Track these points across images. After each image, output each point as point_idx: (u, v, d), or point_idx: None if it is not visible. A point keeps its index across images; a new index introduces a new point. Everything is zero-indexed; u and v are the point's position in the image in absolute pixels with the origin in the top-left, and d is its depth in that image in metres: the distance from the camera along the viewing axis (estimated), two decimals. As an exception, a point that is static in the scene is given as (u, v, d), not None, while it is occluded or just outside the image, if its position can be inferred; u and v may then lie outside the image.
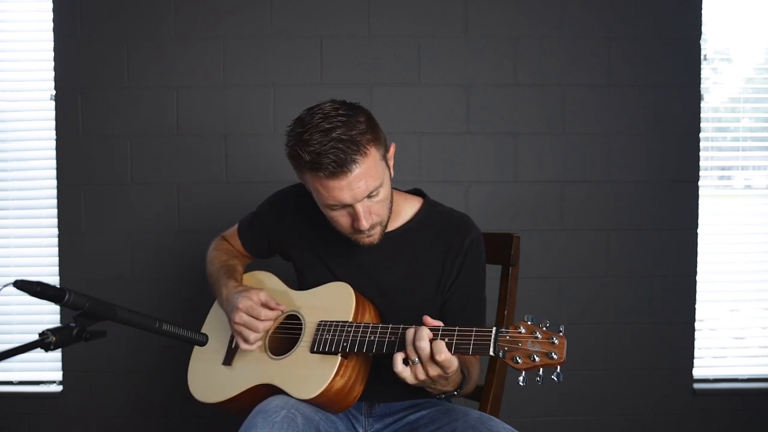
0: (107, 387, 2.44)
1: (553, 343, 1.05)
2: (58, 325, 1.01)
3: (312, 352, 1.31)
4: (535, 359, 1.05)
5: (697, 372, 2.50)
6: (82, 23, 2.38)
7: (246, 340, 1.37)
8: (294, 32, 2.39)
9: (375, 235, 1.35)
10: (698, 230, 2.46)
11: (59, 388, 2.46)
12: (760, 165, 2.57)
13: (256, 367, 1.40)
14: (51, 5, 2.38)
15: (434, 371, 1.13)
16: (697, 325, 2.48)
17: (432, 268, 1.42)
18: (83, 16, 2.38)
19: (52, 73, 2.39)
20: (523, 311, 1.69)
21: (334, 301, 1.36)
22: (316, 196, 1.32)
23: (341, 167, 1.22)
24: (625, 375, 2.47)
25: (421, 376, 1.14)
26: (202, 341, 1.20)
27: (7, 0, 2.44)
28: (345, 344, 1.26)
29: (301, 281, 1.53)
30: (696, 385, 2.49)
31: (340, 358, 1.27)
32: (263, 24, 2.39)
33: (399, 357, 1.16)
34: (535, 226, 2.43)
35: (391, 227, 1.43)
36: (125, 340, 2.38)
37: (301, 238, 1.52)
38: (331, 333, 1.30)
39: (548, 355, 1.05)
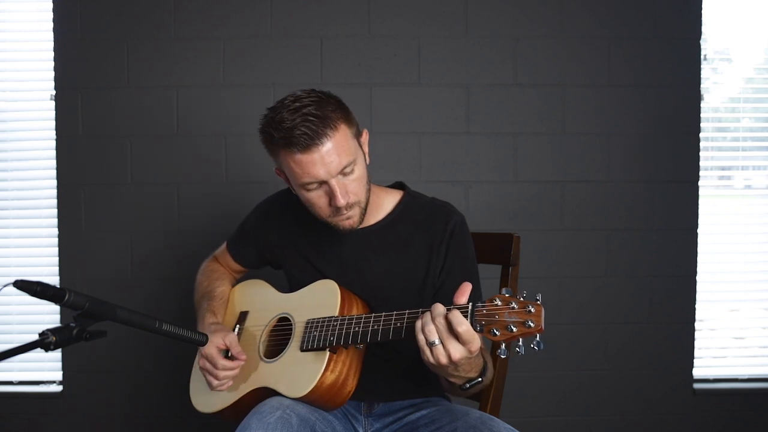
0: (107, 387, 2.44)
1: (530, 311, 1.03)
2: (58, 325, 1.01)
3: (302, 350, 1.32)
4: (512, 329, 1.04)
5: (697, 372, 2.50)
6: (82, 23, 2.38)
7: (210, 384, 1.40)
8: (294, 32, 2.39)
9: (354, 217, 1.36)
10: (698, 230, 2.46)
11: (59, 388, 2.46)
12: (760, 165, 2.57)
13: (251, 373, 1.41)
14: (51, 5, 2.38)
15: (456, 350, 1.08)
16: (697, 325, 2.48)
17: (418, 258, 1.43)
18: (83, 16, 2.38)
19: (52, 73, 2.39)
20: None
21: (320, 299, 1.37)
22: (292, 177, 1.33)
23: (312, 140, 1.24)
24: (624, 375, 2.47)
25: (443, 359, 1.09)
26: (202, 341, 1.20)
27: (7, 0, 2.44)
28: (332, 339, 1.27)
29: (292, 284, 1.54)
30: (696, 385, 2.49)
31: (328, 353, 1.28)
32: (263, 24, 2.39)
33: (421, 338, 1.10)
34: (535, 226, 2.43)
35: (373, 220, 1.45)
36: (125, 340, 2.38)
37: (287, 241, 1.53)
38: (318, 330, 1.31)
39: (525, 324, 1.03)
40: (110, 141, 2.40)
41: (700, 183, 2.45)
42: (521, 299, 1.06)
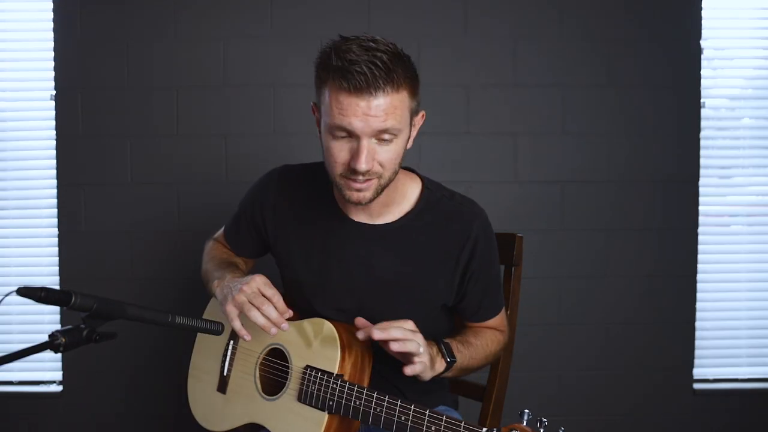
0: (107, 387, 2.44)
1: None
2: (59, 326, 1.00)
3: (299, 401, 1.27)
4: None
5: (697, 372, 2.51)
6: (82, 23, 2.37)
7: (268, 315, 1.21)
8: (294, 32, 2.39)
9: (367, 192, 1.21)
10: (698, 230, 2.46)
11: (59, 388, 2.46)
12: (760, 164, 2.57)
13: (247, 404, 1.37)
14: (51, 5, 2.37)
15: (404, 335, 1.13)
16: (697, 325, 2.48)
17: (439, 260, 1.33)
18: (83, 16, 2.37)
19: (52, 73, 2.39)
20: (523, 311, 1.70)
21: (319, 344, 1.29)
22: (326, 114, 1.18)
23: (367, 85, 1.11)
24: (625, 375, 2.47)
25: (423, 356, 1.15)
26: (218, 330, 1.12)
27: (7, 0, 2.44)
28: (331, 403, 1.21)
29: (284, 274, 1.43)
30: (696, 385, 2.49)
31: (327, 415, 1.23)
32: (263, 24, 2.38)
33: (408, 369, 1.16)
34: (535, 226, 2.43)
35: (391, 217, 1.34)
36: (125, 341, 2.35)
37: (285, 222, 1.41)
38: (317, 385, 1.23)
39: None
40: (110, 141, 2.40)
41: (700, 182, 2.45)
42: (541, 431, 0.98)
